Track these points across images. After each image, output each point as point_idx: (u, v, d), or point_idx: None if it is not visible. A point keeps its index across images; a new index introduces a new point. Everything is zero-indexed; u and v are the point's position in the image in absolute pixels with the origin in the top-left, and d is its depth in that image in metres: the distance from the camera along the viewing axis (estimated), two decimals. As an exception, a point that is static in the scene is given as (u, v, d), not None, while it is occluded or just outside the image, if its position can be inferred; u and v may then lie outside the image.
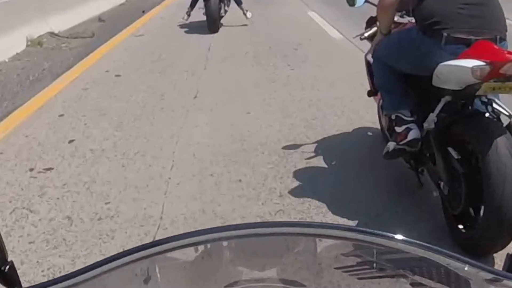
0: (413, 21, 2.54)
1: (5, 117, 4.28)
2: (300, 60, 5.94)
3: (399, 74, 2.58)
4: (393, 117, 2.59)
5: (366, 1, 3.05)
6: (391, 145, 2.57)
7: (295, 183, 2.96)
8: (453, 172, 2.27)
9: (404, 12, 2.82)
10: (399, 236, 0.74)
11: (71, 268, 2.21)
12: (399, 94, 2.60)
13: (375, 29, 2.93)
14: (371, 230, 0.73)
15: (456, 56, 2.18)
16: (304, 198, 2.78)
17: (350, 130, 3.75)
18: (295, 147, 3.45)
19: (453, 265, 0.70)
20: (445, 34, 2.24)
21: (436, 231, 2.42)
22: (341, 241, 0.78)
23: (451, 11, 2.27)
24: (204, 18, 7.84)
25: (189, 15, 8.19)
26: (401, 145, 2.49)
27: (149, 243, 0.72)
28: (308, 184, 2.95)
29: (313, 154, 3.36)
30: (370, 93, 3.18)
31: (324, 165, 3.20)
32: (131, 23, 9.20)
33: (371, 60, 2.91)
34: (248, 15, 8.19)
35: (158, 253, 0.70)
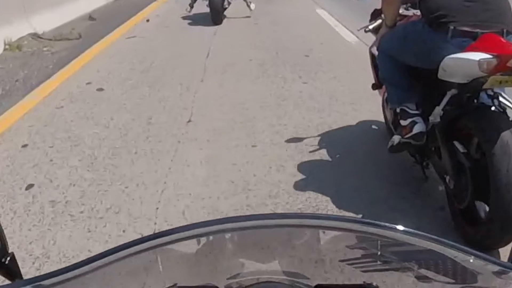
0: (419, 13, 2.51)
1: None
2: (313, 70, 5.11)
3: (404, 67, 2.54)
4: (398, 110, 2.55)
5: None
6: (396, 139, 2.55)
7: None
8: (459, 166, 2.24)
9: (409, 4, 2.78)
10: (405, 228, 0.69)
11: None
12: (404, 87, 2.56)
13: (379, 21, 2.88)
14: (376, 221, 0.68)
15: (462, 49, 2.16)
16: None
17: (397, 177, 2.91)
18: (316, 202, 2.65)
19: (459, 258, 0.68)
20: (451, 27, 2.21)
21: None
22: (345, 233, 0.75)
23: (458, 4, 2.25)
24: (206, 10, 7.44)
25: (192, 7, 7.96)
26: (406, 138, 2.47)
27: (151, 234, 0.68)
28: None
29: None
30: (374, 86, 3.13)
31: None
32: (124, 21, 8.38)
33: (375, 52, 2.85)
34: (251, 6, 7.97)
35: (160, 245, 0.68)
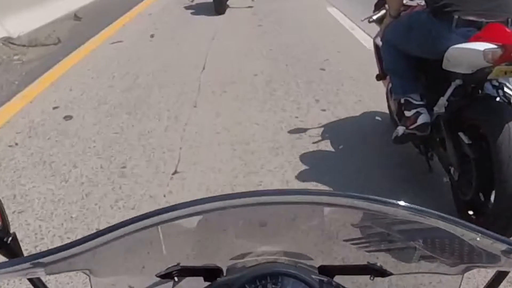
0: (423, 3, 2.51)
1: None
2: (332, 90, 4.15)
3: (408, 57, 2.51)
4: (402, 101, 2.52)
5: None
6: (401, 130, 2.53)
7: None
8: (464, 157, 2.22)
9: None
10: (410, 204, 0.63)
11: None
12: (409, 77, 2.53)
13: (383, 11, 2.86)
14: (381, 198, 0.63)
15: (467, 39, 2.15)
16: None
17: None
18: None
19: (466, 236, 0.65)
20: (456, 16, 2.20)
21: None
22: (350, 211, 0.70)
23: None
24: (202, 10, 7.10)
25: None
26: (411, 129, 2.45)
27: (155, 210, 0.62)
28: None
29: None
30: (378, 77, 3.08)
31: None
32: (112, 21, 7.44)
33: (380, 43, 2.82)
34: None
35: (162, 222, 0.64)
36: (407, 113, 2.48)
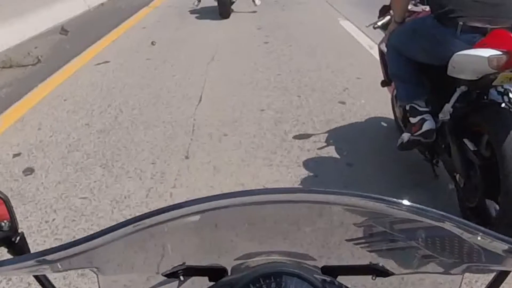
0: (427, 9, 2.51)
1: None
2: (357, 139, 3.34)
3: (413, 63, 2.49)
4: (408, 108, 2.50)
5: None
6: (406, 136, 2.52)
7: None
8: (469, 164, 2.19)
9: (418, 0, 2.70)
10: (412, 203, 0.63)
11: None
12: (414, 83, 2.50)
13: (388, 17, 2.84)
14: (383, 197, 0.64)
15: (472, 45, 2.13)
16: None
17: None
18: None
19: (467, 235, 0.65)
20: (460, 22, 2.19)
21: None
22: (352, 210, 0.71)
23: None
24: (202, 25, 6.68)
25: (199, 1, 7.85)
26: (416, 136, 2.43)
27: (157, 210, 0.62)
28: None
29: None
30: (383, 83, 3.05)
31: None
32: (102, 36, 6.70)
33: (384, 49, 2.79)
34: (256, 1, 7.77)
35: (167, 220, 0.64)
36: (412, 120, 2.46)
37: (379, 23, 2.92)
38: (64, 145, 3.37)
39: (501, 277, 0.69)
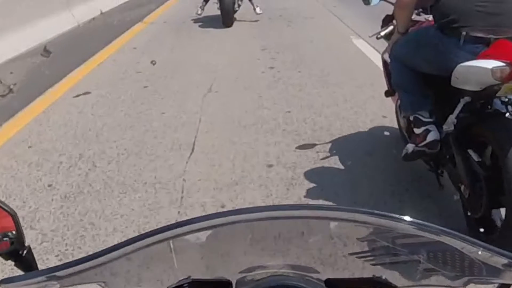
0: (430, 19, 2.51)
1: None
2: (388, 203, 2.59)
3: (417, 74, 2.48)
4: (412, 118, 2.50)
5: None
6: (410, 147, 2.51)
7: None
8: (474, 174, 2.18)
9: (420, 9, 2.68)
10: (414, 219, 0.66)
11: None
12: (417, 94, 2.49)
13: (391, 27, 2.82)
14: (385, 213, 0.67)
15: (475, 55, 2.12)
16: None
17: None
18: None
19: (468, 249, 0.68)
20: (463, 32, 2.18)
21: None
22: (356, 225, 0.73)
23: (470, 8, 2.20)
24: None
25: (203, 9, 7.75)
26: (420, 147, 2.42)
27: (164, 226, 0.66)
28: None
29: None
30: (387, 94, 3.02)
31: None
32: (88, 57, 5.99)
33: (388, 59, 2.81)
34: (257, 10, 7.75)
35: (174, 236, 0.68)
36: (417, 130, 2.46)
37: (382, 33, 2.88)
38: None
39: None
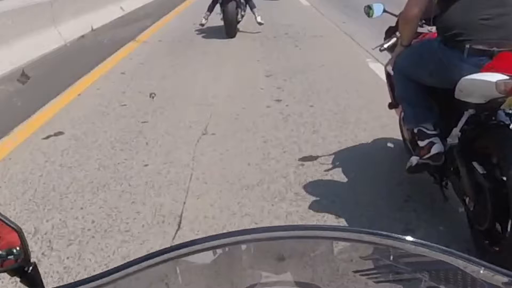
0: (433, 30, 2.53)
1: None
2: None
3: (420, 86, 2.48)
4: (416, 131, 2.51)
5: (384, 11, 2.94)
6: (414, 160, 2.51)
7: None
8: (478, 187, 2.18)
9: (423, 21, 2.64)
10: (415, 239, 0.71)
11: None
12: (421, 106, 2.50)
13: (394, 39, 2.80)
14: (388, 233, 0.71)
15: (479, 68, 2.12)
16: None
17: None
18: None
19: (469, 268, 0.70)
20: (467, 45, 2.18)
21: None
22: (359, 244, 0.77)
23: (473, 21, 2.19)
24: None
25: (207, 19, 7.87)
26: (425, 159, 2.43)
27: (169, 247, 0.71)
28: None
29: None
30: (391, 106, 3.01)
31: None
32: (69, 84, 5.27)
33: (391, 71, 2.78)
34: (258, 19, 7.87)
35: (178, 256, 0.71)
36: (421, 143, 2.44)
37: (386, 46, 2.85)
38: None
39: None
